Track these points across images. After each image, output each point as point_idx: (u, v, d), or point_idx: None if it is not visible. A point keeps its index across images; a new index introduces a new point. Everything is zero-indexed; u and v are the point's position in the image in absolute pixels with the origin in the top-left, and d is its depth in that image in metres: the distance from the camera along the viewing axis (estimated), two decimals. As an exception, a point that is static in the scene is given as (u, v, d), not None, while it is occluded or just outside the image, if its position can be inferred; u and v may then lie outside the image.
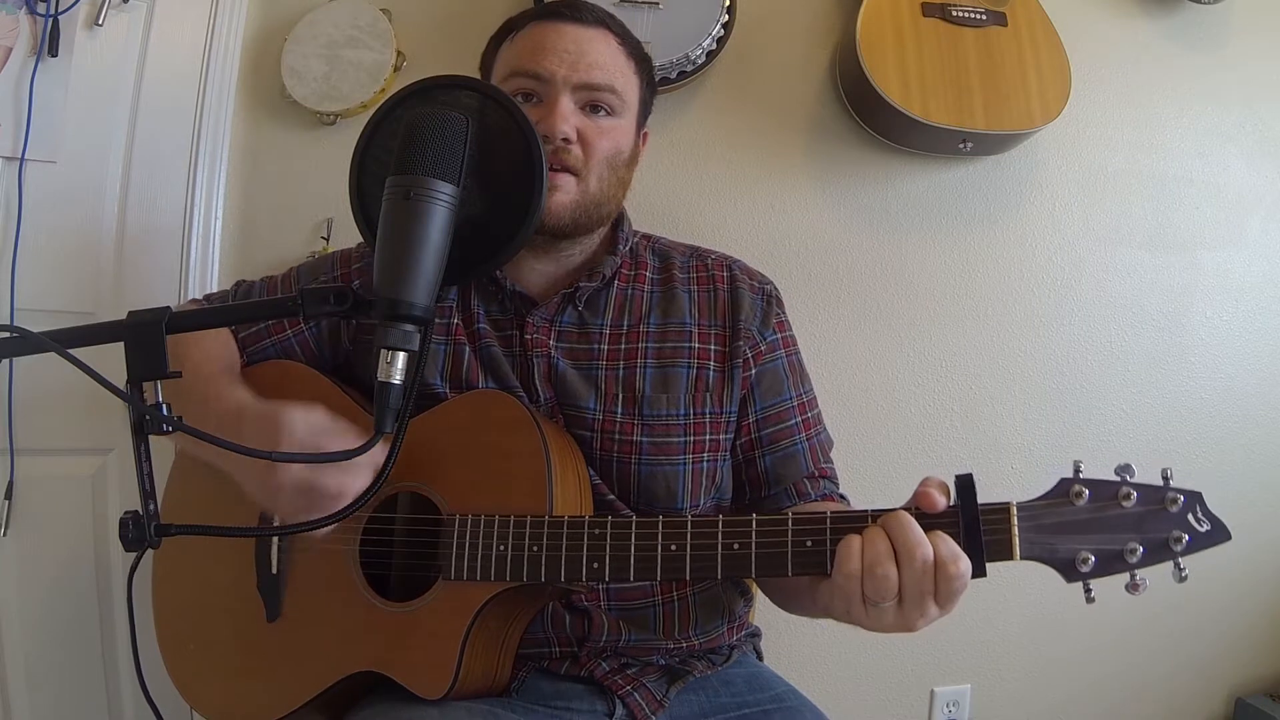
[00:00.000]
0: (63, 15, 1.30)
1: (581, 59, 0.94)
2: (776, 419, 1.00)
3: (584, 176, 0.94)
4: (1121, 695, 1.71)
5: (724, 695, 0.96)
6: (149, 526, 0.66)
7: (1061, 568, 0.73)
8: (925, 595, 0.71)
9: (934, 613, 0.72)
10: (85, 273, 1.36)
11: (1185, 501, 0.72)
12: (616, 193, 0.99)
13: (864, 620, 0.74)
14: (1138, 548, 0.71)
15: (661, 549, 0.79)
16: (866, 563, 0.71)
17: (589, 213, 0.96)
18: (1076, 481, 0.73)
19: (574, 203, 0.94)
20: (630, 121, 1.00)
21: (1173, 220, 1.67)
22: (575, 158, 0.93)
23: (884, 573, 0.70)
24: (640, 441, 0.94)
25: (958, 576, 0.70)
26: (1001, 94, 1.43)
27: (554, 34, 0.95)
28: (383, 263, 0.67)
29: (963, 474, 0.74)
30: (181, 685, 0.97)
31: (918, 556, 0.70)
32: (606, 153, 0.96)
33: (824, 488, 1.02)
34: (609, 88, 0.95)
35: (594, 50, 0.95)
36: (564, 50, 0.94)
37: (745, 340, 0.99)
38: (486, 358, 0.97)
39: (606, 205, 0.98)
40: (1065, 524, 0.73)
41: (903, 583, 0.70)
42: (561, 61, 0.93)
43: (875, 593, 0.71)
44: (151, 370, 0.67)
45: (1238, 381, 1.70)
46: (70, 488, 1.37)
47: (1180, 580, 0.71)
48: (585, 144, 0.94)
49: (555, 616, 0.93)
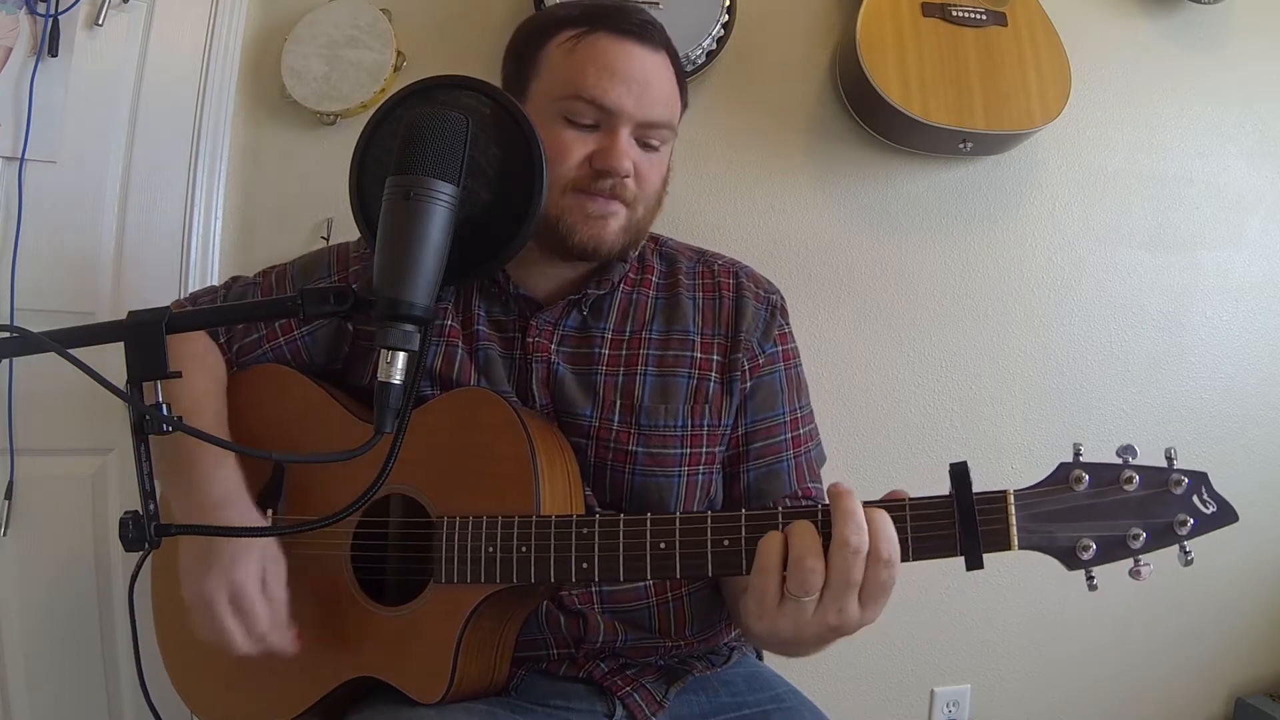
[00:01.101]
0: (63, 15, 1.30)
1: (647, 93, 0.91)
2: (766, 434, 0.99)
3: (634, 207, 0.94)
4: (1121, 695, 1.72)
5: (724, 695, 0.96)
6: (149, 526, 0.66)
7: (1062, 556, 0.71)
8: (850, 588, 0.69)
9: (854, 613, 0.70)
10: (85, 273, 1.36)
11: (1190, 483, 0.69)
12: (655, 213, 0.99)
13: (775, 620, 0.72)
14: (1141, 533, 0.69)
15: (650, 547, 0.78)
16: (794, 554, 0.70)
17: (634, 239, 0.97)
18: (1076, 466, 0.71)
19: (623, 230, 0.94)
20: (672, 147, 0.99)
21: (1173, 220, 1.67)
22: (631, 193, 0.93)
23: (812, 564, 0.69)
24: (635, 451, 0.93)
25: (887, 562, 0.69)
26: (1001, 94, 1.43)
27: (623, 57, 0.91)
28: (383, 263, 0.67)
29: (957, 462, 0.72)
30: (182, 689, 0.97)
31: (850, 543, 0.69)
32: (655, 185, 0.96)
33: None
34: (668, 125, 0.95)
35: (659, 83, 0.93)
36: (633, 81, 0.90)
37: (744, 352, 0.98)
38: (482, 360, 0.96)
39: (647, 228, 0.99)
40: (1065, 510, 0.71)
41: (830, 570, 0.69)
42: (629, 94, 0.90)
43: (798, 586, 0.70)
44: (151, 370, 0.67)
45: (1238, 381, 1.70)
46: (70, 488, 1.37)
47: (1186, 564, 0.69)
48: (639, 178, 0.93)
49: (551, 618, 0.92)
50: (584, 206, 0.91)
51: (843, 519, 0.70)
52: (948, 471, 0.72)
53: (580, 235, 0.91)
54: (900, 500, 0.74)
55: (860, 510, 0.70)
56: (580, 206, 0.91)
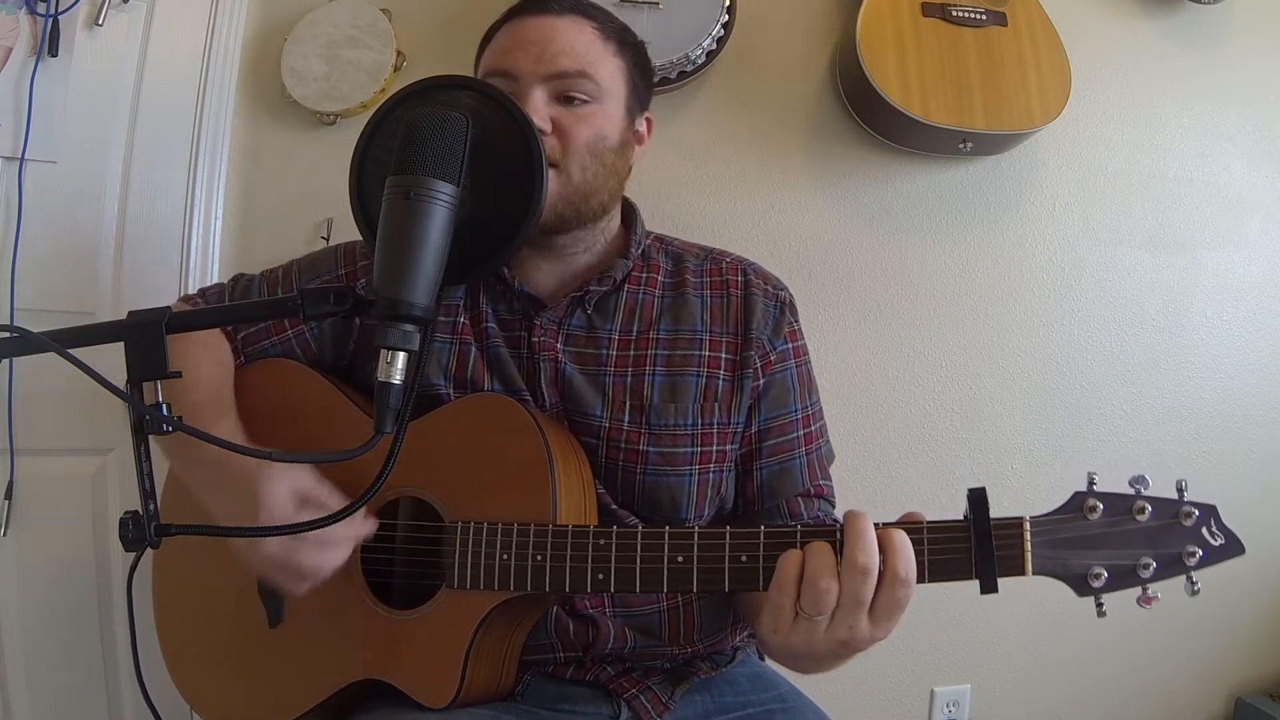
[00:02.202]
0: (63, 15, 1.30)
1: (548, 48, 0.91)
2: (779, 431, 0.98)
3: (564, 167, 0.91)
4: (1121, 695, 1.71)
5: (728, 695, 0.96)
6: (149, 526, 0.66)
7: (1074, 583, 0.72)
8: (860, 607, 0.70)
9: (864, 630, 0.71)
10: (85, 273, 1.36)
11: (1200, 516, 0.71)
12: (607, 181, 0.95)
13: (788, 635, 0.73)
14: (1151, 563, 0.71)
15: (668, 560, 0.78)
16: (808, 574, 0.71)
17: (575, 205, 0.93)
18: (1090, 495, 0.73)
19: (557, 194, 0.90)
20: (616, 107, 0.96)
21: (1173, 220, 1.67)
22: (552, 149, 0.90)
23: (826, 585, 0.70)
24: (646, 451, 0.93)
25: (903, 581, 0.70)
26: (1001, 94, 1.43)
27: (520, 28, 0.94)
28: (383, 262, 0.67)
29: (975, 487, 0.73)
30: (185, 688, 0.97)
31: (859, 563, 0.70)
32: (587, 140, 0.92)
33: (818, 508, 0.99)
34: (580, 73, 0.92)
35: (562, 38, 0.93)
36: (530, 43, 0.92)
37: (756, 350, 0.97)
38: (493, 358, 0.96)
39: (597, 195, 0.94)
40: (1078, 539, 0.72)
41: (841, 590, 0.70)
42: (528, 54, 0.91)
43: (811, 605, 0.71)
44: (151, 370, 0.67)
45: (1238, 381, 1.70)
46: (70, 488, 1.37)
47: (1192, 594, 0.71)
48: (562, 134, 0.90)
49: (560, 623, 0.92)
50: None
51: (853, 539, 0.71)
52: (966, 496, 0.74)
53: None
54: (918, 523, 0.75)
55: (871, 531, 0.71)
56: None
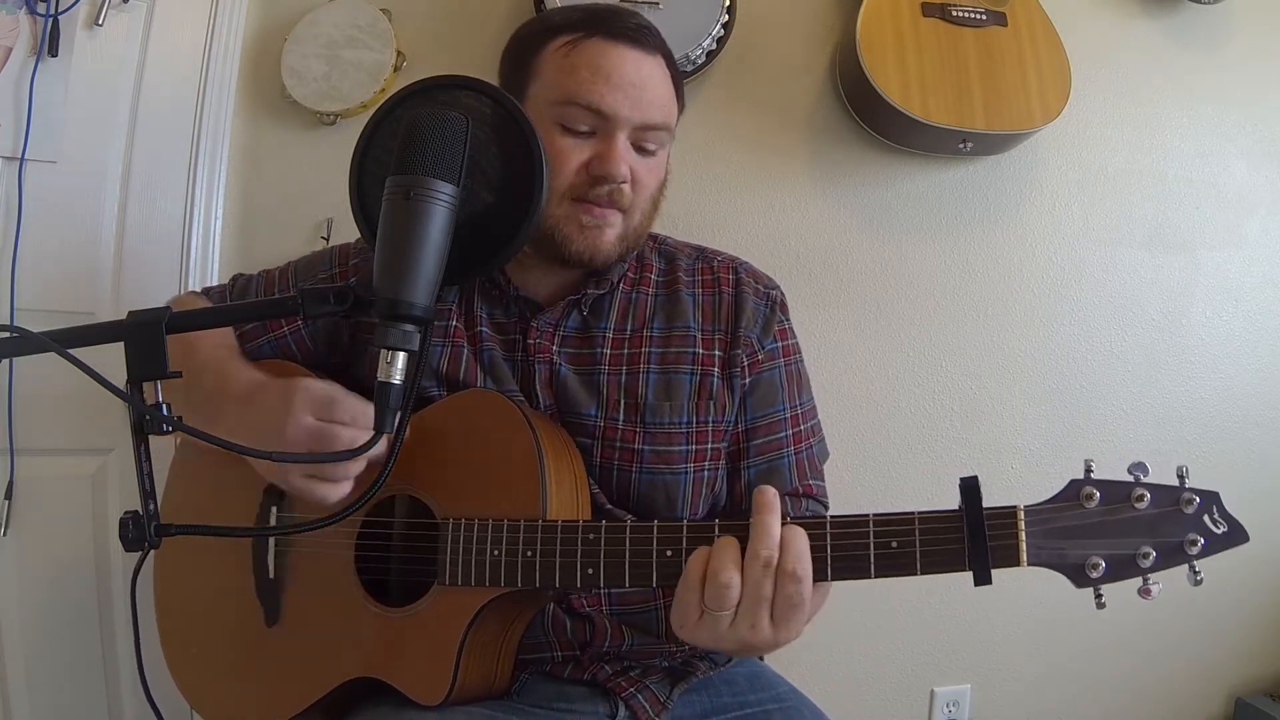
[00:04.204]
0: (63, 15, 1.30)
1: (643, 96, 0.90)
2: (766, 430, 0.98)
3: (630, 213, 0.93)
4: (1121, 695, 1.72)
5: (726, 695, 0.96)
6: (149, 526, 0.66)
7: (1071, 574, 0.70)
8: (761, 603, 0.70)
9: (766, 629, 0.71)
10: (85, 273, 1.36)
11: (1201, 503, 0.68)
12: (652, 218, 0.98)
13: (694, 632, 0.73)
14: (1151, 552, 0.68)
15: (657, 554, 0.78)
16: (711, 568, 0.71)
17: (631, 245, 0.96)
18: (1087, 483, 0.70)
19: (619, 238, 0.93)
20: (669, 150, 0.98)
21: (1173, 220, 1.67)
22: (628, 199, 0.92)
23: (727, 579, 0.70)
24: (642, 450, 0.93)
25: (793, 577, 0.69)
26: (1001, 94, 1.43)
27: (618, 61, 0.90)
28: (383, 263, 0.67)
29: (967, 477, 0.72)
30: (185, 687, 0.97)
31: (761, 556, 0.70)
32: (652, 189, 0.95)
33: (807, 508, 0.99)
34: (664, 126, 0.93)
35: (654, 86, 0.92)
36: (629, 85, 0.89)
37: (744, 348, 0.98)
38: (487, 361, 0.96)
39: (645, 233, 0.98)
40: (1075, 528, 0.70)
41: (744, 584, 0.70)
42: (625, 99, 0.89)
43: (714, 601, 0.71)
44: (151, 370, 0.67)
45: (1238, 382, 1.70)
46: (70, 488, 1.37)
47: (1195, 584, 0.69)
48: (636, 183, 0.92)
49: (556, 621, 0.92)
50: (579, 216, 0.91)
51: (757, 533, 0.71)
52: (958, 486, 0.72)
53: (576, 245, 0.91)
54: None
55: (775, 525, 0.71)
56: (575, 216, 0.91)
